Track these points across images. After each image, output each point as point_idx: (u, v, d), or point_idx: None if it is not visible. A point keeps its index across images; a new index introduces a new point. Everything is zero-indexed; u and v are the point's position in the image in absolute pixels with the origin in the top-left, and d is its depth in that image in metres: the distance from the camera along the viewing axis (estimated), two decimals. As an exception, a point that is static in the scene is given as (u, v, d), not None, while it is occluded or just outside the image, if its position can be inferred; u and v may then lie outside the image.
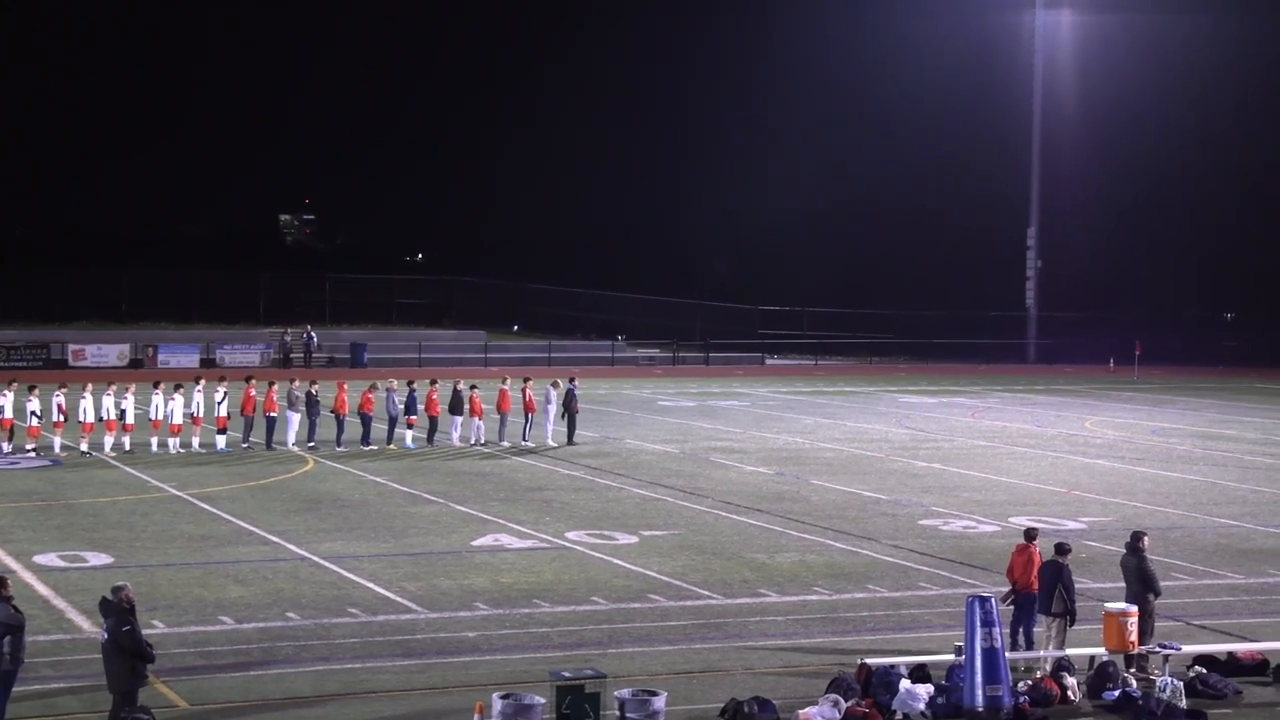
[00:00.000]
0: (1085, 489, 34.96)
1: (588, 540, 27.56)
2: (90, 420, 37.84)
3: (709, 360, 78.12)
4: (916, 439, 44.95)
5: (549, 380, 44.35)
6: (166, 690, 17.70)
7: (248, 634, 20.50)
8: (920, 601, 23.33)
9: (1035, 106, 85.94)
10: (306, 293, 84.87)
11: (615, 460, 38.82)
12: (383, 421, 40.69)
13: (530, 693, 16.14)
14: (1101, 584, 23.80)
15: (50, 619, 20.90)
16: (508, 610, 22.07)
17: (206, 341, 70.23)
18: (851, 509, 31.68)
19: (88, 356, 66.54)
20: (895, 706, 17.44)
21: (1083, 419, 51.85)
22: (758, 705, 17.02)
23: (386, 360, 69.47)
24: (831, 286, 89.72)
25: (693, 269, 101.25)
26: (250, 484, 33.76)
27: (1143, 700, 17.81)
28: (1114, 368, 75.18)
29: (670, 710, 16.23)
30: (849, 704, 17.19)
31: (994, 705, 17.14)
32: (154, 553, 25.80)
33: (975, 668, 17.25)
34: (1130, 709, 17.79)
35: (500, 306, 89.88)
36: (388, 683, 18.36)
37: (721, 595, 23.36)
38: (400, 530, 28.35)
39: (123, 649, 15.57)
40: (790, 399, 58.48)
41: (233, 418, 39.71)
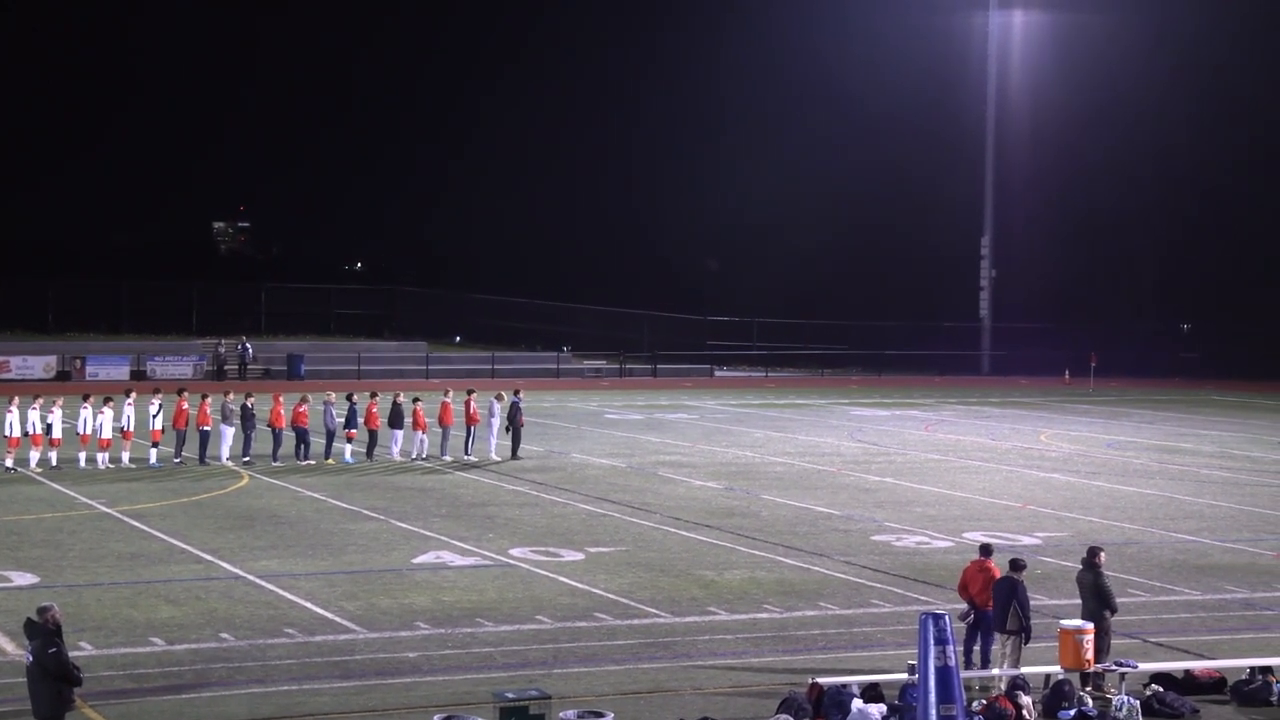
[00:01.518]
0: (1041, 504, 35.18)
1: (532, 557, 27.52)
2: (15, 435, 37.48)
3: (656, 372, 78.23)
4: (869, 453, 45.14)
5: (493, 393, 44.28)
6: (94, 715, 17.55)
7: (180, 655, 20.35)
8: (873, 619, 23.41)
9: (989, 113, 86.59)
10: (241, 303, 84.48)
11: (561, 475, 38.79)
12: (320, 435, 40.50)
13: (473, 715, 16.10)
14: (1057, 600, 23.96)
15: (-27, 641, 20.69)
16: (450, 630, 22.00)
17: (137, 353, 69.70)
18: (803, 524, 31.76)
19: (12, 369, 65.92)
20: (847, 727, 17.49)
21: (1038, 432, 52.20)
22: (707, 726, 17.03)
23: (324, 372, 69.20)
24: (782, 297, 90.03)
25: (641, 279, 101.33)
26: (183, 500, 33.53)
27: (1099, 719, 17.92)
28: (1069, 379, 75.77)
29: (617, 732, 16.23)
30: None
31: (948, 725, 17.19)
32: (81, 572, 25.57)
33: (929, 687, 17.27)
34: (1086, 728, 17.90)
35: (442, 317, 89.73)
36: (325, 705, 18.26)
37: (669, 613, 23.37)
38: (338, 548, 28.21)
39: (48, 672, 15.42)
40: (740, 412, 58.61)
41: (165, 431, 39.43)
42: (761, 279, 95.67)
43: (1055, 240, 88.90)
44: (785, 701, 17.93)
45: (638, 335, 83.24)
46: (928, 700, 17.32)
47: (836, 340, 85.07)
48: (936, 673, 17.26)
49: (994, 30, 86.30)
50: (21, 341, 72.31)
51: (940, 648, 17.32)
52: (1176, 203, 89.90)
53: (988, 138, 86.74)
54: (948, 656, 17.30)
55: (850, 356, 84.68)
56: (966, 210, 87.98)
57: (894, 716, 17.65)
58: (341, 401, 41.15)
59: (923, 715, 17.36)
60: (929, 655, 17.30)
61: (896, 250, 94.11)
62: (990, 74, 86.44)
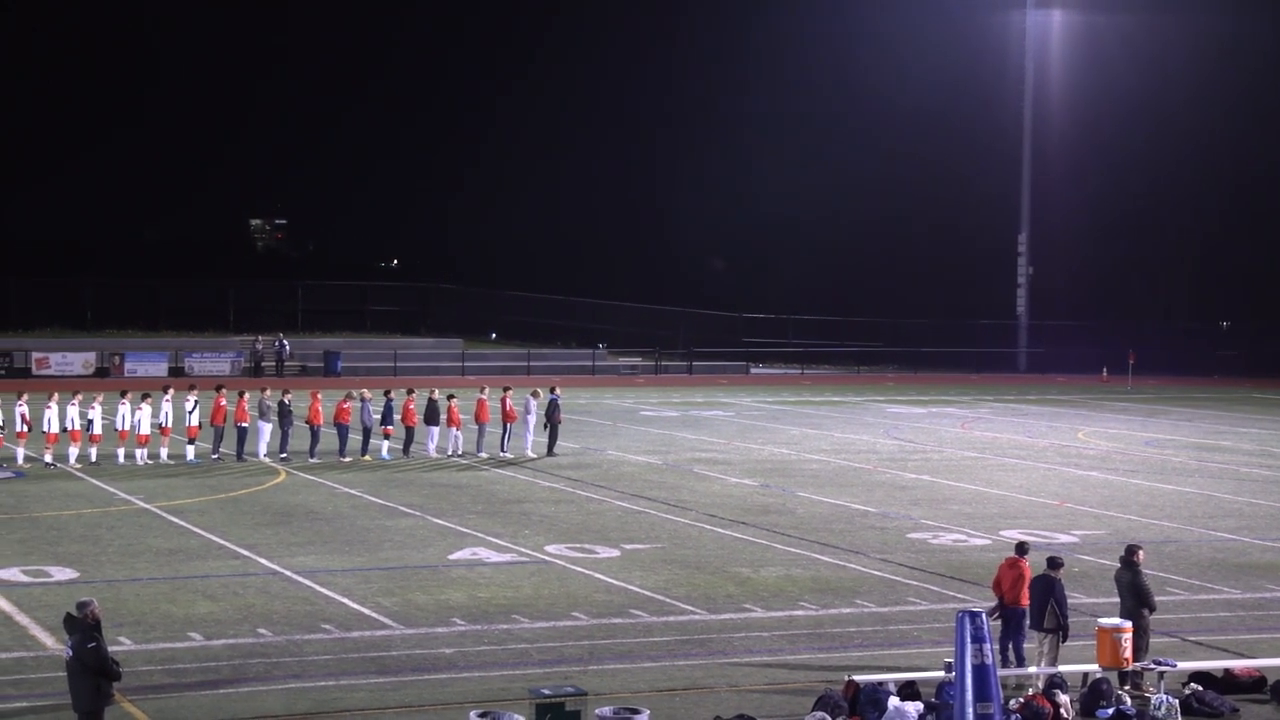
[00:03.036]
0: (1078, 501, 35.02)
1: (568, 554, 27.54)
2: (55, 431, 37.68)
3: (692, 369, 78.19)
4: (905, 450, 45.01)
5: (529, 390, 44.32)
6: (133, 709, 17.65)
7: (217, 651, 20.44)
8: (909, 617, 23.35)
9: (1026, 110, 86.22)
10: (278, 300, 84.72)
11: (596, 472, 38.81)
12: (358, 432, 40.62)
13: (509, 711, 16.11)
14: (1095, 599, 23.85)
15: (13, 636, 20.81)
16: (485, 626, 22.03)
17: (175, 350, 70.11)
18: (839, 522, 31.69)
19: (52, 365, 66.36)
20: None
21: (1075, 430, 51.97)
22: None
23: (361, 369, 69.45)
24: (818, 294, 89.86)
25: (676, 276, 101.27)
26: (220, 496, 33.67)
27: (1137, 718, 17.83)
28: (1107, 377, 75.39)
29: (653, 729, 16.23)
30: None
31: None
32: (120, 567, 25.71)
33: (966, 685, 17.21)
34: (1124, 727, 17.82)
35: (477, 314, 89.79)
36: (361, 701, 18.31)
37: (705, 610, 23.35)
38: (375, 544, 28.29)
39: (88, 667, 15.51)
40: (776, 409, 58.52)
41: (203, 428, 39.60)
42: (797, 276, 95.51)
43: (1092, 238, 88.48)
44: (821, 699, 17.89)
45: (673, 332, 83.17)
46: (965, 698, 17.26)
47: (872, 337, 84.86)
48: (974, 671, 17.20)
49: (1031, 28, 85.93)
50: (61, 338, 72.77)
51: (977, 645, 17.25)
52: (1214, 200, 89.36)
53: (1025, 135, 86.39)
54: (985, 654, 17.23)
55: (886, 354, 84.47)
56: (1003, 208, 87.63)
57: (931, 714, 17.59)
58: (378, 398, 41.25)
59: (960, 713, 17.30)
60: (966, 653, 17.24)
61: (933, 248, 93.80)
62: (1027, 71, 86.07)
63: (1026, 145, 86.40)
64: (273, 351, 70.51)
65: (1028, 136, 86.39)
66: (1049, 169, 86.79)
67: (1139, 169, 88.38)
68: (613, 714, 15.99)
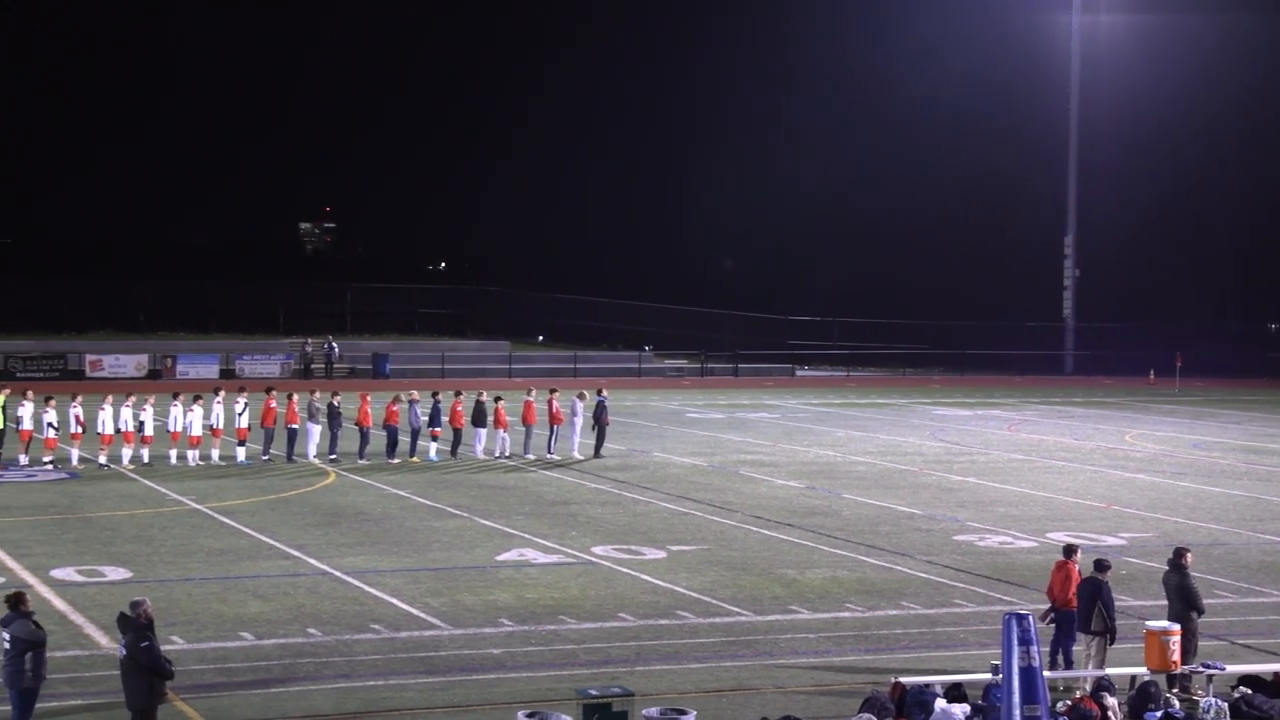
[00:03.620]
0: (1125, 504, 34.82)
1: (614, 555, 27.56)
2: (108, 432, 37.97)
3: (738, 371, 78.07)
4: (951, 452, 44.85)
5: (575, 392, 44.37)
6: (185, 707, 17.76)
7: (268, 650, 20.55)
8: (955, 619, 23.27)
9: (1072, 111, 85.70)
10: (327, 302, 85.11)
11: (642, 473, 38.82)
12: (406, 434, 40.74)
13: (556, 711, 16.14)
14: (1143, 601, 23.71)
15: (68, 635, 20.98)
16: (533, 627, 22.08)
17: (226, 352, 70.48)
18: (885, 524, 31.61)
19: (105, 367, 66.84)
20: (930, 726, 17.40)
21: (1122, 432, 51.65)
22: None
23: (409, 371, 69.65)
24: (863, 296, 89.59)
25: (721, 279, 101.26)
26: (270, 497, 33.85)
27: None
28: (1154, 380, 74.87)
29: (700, 730, 16.22)
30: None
31: (1032, 726, 17.06)
32: (173, 567, 25.89)
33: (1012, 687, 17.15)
34: (1173, 730, 17.71)
35: (524, 316, 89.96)
36: (410, 701, 18.38)
37: (751, 612, 23.34)
38: (423, 545, 28.39)
39: (141, 666, 15.63)
40: (821, 411, 58.40)
41: (253, 429, 39.81)
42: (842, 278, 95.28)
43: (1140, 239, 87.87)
44: (868, 701, 17.85)
45: (719, 335, 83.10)
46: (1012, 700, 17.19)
47: (918, 340, 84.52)
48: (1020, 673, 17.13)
49: (1077, 29, 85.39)
50: (114, 341, 73.27)
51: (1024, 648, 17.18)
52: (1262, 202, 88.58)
53: (1071, 137, 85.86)
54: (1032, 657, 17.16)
55: (932, 356, 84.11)
56: (1050, 210, 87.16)
57: (978, 716, 17.53)
58: (426, 400, 41.38)
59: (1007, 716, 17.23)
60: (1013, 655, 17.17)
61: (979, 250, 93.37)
62: (1073, 73, 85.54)
63: (1073, 147, 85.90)
64: (322, 354, 70.80)
65: (1074, 138, 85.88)
66: (1096, 170, 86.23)
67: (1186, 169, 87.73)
68: (659, 714, 15.99)
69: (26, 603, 16.38)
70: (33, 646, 16.01)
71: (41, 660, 16.14)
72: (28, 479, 35.95)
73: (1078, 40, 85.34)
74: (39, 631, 16.23)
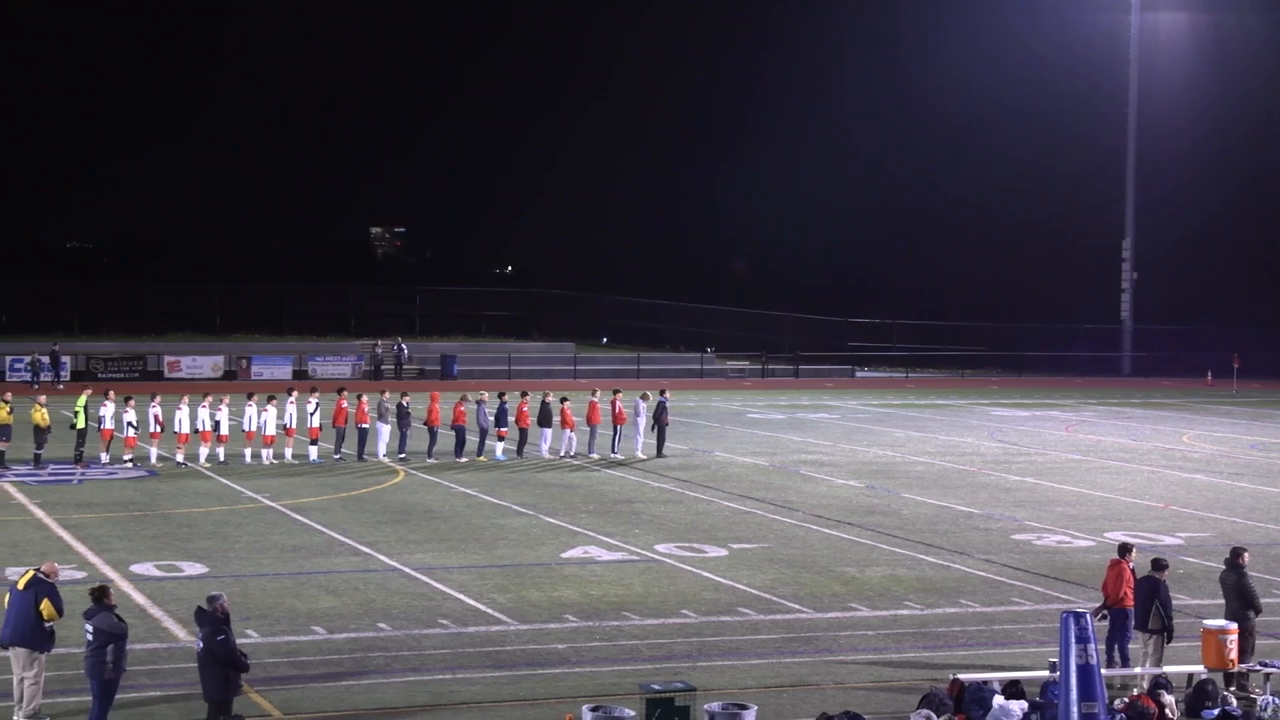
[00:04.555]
0: (1183, 504, 34.48)
1: (677, 553, 27.55)
2: (185, 431, 38.31)
3: (798, 373, 77.88)
4: (1009, 452, 44.55)
5: (638, 392, 44.39)
6: (260, 699, 17.89)
7: (339, 644, 20.67)
8: (1013, 617, 23.11)
9: (1130, 117, 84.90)
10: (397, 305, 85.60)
11: (704, 473, 38.79)
12: (474, 433, 40.88)
13: (620, 705, 16.14)
14: (1200, 601, 23.47)
15: (147, 628, 21.18)
16: (597, 623, 22.10)
17: (299, 353, 71.00)
18: (943, 523, 31.44)
19: (183, 368, 67.46)
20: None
21: (1180, 433, 51.15)
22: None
23: (476, 372, 69.90)
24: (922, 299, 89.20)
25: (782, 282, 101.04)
26: (342, 495, 34.05)
27: (1243, 719, 17.53)
28: (1211, 381, 74.11)
29: (760, 724, 16.19)
30: (941, 719, 17.07)
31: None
32: (247, 563, 26.09)
33: (1070, 684, 17.02)
34: (1230, 728, 17.53)
35: (588, 319, 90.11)
36: (478, 694, 18.44)
37: (812, 609, 23.27)
38: (490, 542, 28.48)
39: (217, 658, 15.77)
40: (881, 412, 58.16)
41: (325, 429, 40.06)
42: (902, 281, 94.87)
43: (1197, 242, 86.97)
44: (926, 697, 17.76)
45: (779, 336, 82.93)
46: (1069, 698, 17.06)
47: (976, 342, 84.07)
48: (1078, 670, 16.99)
49: (1135, 32, 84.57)
50: (191, 342, 73.97)
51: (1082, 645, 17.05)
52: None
53: (1129, 141, 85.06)
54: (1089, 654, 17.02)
55: (990, 358, 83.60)
56: (1107, 212, 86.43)
57: (1035, 713, 17.40)
58: (493, 400, 41.51)
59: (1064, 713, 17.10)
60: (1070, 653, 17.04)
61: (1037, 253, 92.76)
62: (1132, 79, 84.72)
63: (1130, 151, 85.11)
64: (392, 355, 71.17)
65: (1131, 142, 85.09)
66: (1154, 172, 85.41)
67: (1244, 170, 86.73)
68: (721, 709, 15.97)
69: (110, 596, 16.57)
70: (114, 639, 16.18)
71: (122, 652, 16.31)
72: (109, 477, 36.34)
73: (1136, 41, 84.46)
74: (121, 624, 16.41)
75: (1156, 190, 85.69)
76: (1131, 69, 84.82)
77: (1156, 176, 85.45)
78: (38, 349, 64.00)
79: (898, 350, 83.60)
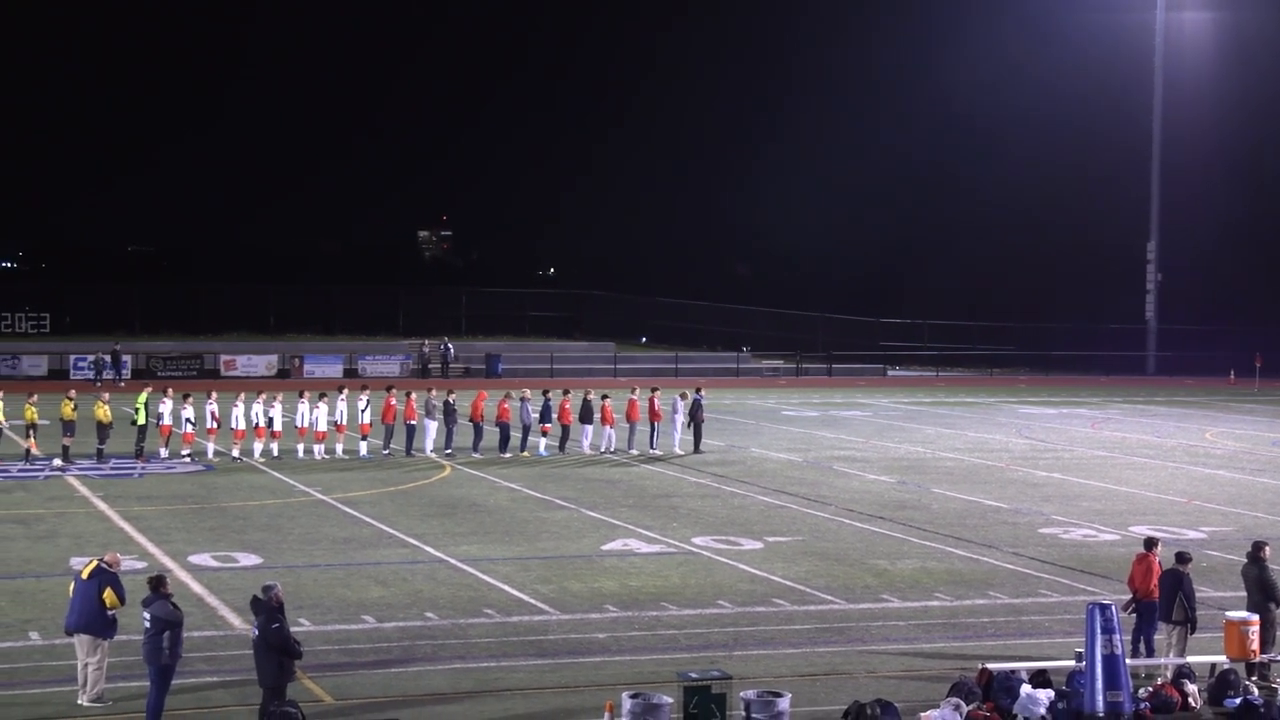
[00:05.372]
0: (1206, 499, 34.25)
1: (714, 545, 27.54)
2: (241, 427, 38.55)
3: (832, 371, 77.67)
4: (1036, 449, 44.34)
5: (677, 391, 44.36)
6: (313, 685, 17.98)
7: (388, 633, 20.75)
8: (1041, 608, 23.02)
9: (1155, 120, 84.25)
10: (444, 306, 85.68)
11: (740, 468, 38.75)
12: (518, 429, 40.95)
13: (659, 693, 16.15)
14: (1222, 593, 23.32)
15: (204, 616, 21.31)
16: (636, 613, 22.11)
17: (349, 352, 71.25)
18: (972, 517, 31.32)
19: (238, 367, 67.81)
20: (1016, 711, 17.22)
21: (1203, 430, 50.80)
22: (880, 708, 16.90)
23: (520, 370, 70.00)
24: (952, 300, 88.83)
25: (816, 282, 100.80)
26: (390, 489, 34.17)
27: (1264, 708, 17.41)
28: (1234, 380, 73.58)
29: (794, 711, 16.15)
30: (970, 708, 17.02)
31: (1115, 711, 16.86)
32: (300, 554, 26.21)
33: (1096, 674, 16.98)
34: (1251, 716, 17.39)
35: (628, 319, 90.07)
36: (521, 681, 18.48)
37: (844, 600, 23.22)
38: (533, 534, 28.53)
39: (272, 646, 15.86)
40: (911, 409, 57.97)
41: (374, 425, 40.20)
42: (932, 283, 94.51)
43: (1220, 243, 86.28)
44: (956, 686, 17.70)
45: (813, 336, 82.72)
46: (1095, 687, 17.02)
47: (1004, 341, 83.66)
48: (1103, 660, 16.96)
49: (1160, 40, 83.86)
50: (246, 342, 74.30)
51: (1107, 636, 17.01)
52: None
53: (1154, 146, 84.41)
54: (1114, 645, 16.98)
55: (1018, 357, 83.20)
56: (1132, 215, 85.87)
57: (1062, 702, 17.33)
58: (536, 398, 41.57)
59: (1090, 702, 17.06)
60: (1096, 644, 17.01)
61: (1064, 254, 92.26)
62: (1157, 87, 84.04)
63: (1155, 155, 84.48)
64: (438, 354, 71.34)
65: (1156, 145, 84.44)
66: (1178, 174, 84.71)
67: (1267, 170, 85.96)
68: (756, 697, 15.96)
69: (166, 585, 16.68)
70: (170, 626, 16.29)
71: (178, 639, 16.42)
72: (167, 471, 36.57)
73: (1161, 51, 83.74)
74: (176, 612, 16.52)
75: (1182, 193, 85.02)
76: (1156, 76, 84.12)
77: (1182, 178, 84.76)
78: (100, 348, 64.44)
79: (928, 349, 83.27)
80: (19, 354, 65.86)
